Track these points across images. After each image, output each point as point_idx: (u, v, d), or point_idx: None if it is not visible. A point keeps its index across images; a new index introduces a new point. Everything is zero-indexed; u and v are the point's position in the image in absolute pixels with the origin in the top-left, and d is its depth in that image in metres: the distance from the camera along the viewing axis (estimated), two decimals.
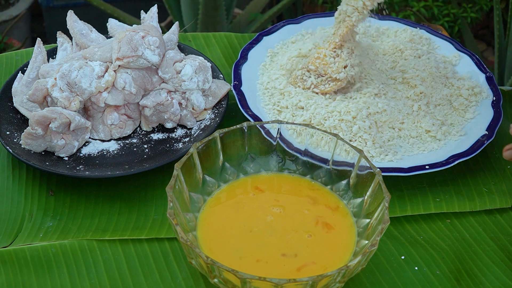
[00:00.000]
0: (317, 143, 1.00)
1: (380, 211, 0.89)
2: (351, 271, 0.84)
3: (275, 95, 1.17)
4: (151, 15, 1.22)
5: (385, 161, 1.08)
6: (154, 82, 1.13)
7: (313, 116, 1.11)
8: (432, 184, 1.10)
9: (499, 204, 1.08)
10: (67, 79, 1.07)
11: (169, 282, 0.93)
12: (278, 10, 2.21)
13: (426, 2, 2.23)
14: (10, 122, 1.11)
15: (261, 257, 0.89)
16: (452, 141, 1.12)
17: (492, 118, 1.15)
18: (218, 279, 0.84)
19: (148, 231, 1.00)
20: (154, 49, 1.10)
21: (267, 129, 1.00)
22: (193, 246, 0.82)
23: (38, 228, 1.00)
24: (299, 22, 1.32)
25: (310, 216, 0.94)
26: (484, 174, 1.13)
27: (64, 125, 1.05)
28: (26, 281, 0.93)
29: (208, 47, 1.36)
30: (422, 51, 1.25)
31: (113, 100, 1.10)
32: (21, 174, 1.08)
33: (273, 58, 1.26)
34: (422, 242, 1.01)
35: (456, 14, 2.23)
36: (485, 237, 1.02)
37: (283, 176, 1.01)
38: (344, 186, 0.97)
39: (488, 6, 2.28)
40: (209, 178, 0.97)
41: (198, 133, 1.12)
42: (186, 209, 0.92)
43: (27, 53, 1.31)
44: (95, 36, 1.18)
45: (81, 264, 0.95)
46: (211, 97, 1.15)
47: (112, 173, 1.03)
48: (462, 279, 0.96)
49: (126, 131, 1.13)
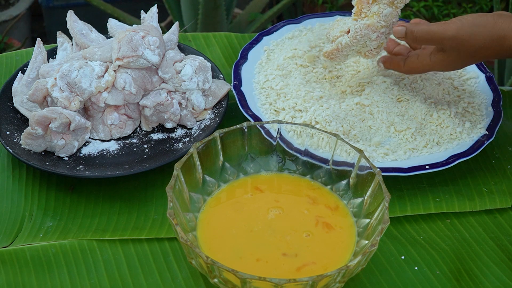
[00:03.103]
0: (317, 143, 1.00)
1: (380, 211, 0.89)
2: (351, 271, 0.84)
3: (271, 95, 1.17)
4: (151, 15, 1.22)
5: (385, 161, 1.08)
6: (154, 82, 1.13)
7: (313, 117, 1.11)
8: (432, 184, 1.10)
9: (499, 204, 1.08)
10: (67, 79, 1.07)
11: (169, 282, 0.93)
12: (278, 10, 2.21)
13: (426, 2, 2.23)
14: (10, 122, 1.11)
15: (261, 257, 0.89)
16: (452, 141, 1.12)
17: (492, 118, 1.15)
18: (218, 279, 0.84)
19: (148, 231, 1.00)
20: (154, 49, 1.10)
21: (267, 129, 1.00)
22: (193, 246, 0.82)
23: (38, 228, 1.00)
24: (299, 22, 1.32)
25: (310, 216, 0.94)
26: (484, 174, 1.13)
27: (64, 125, 1.05)
28: (26, 281, 0.93)
29: (208, 47, 1.36)
30: None
31: (113, 100, 1.10)
32: (21, 174, 1.08)
33: (269, 56, 1.25)
34: (422, 242, 1.01)
35: (456, 14, 2.23)
36: (485, 237, 1.02)
37: (283, 176, 1.01)
38: (344, 186, 0.97)
39: (488, 6, 2.28)
40: (209, 178, 0.97)
41: (198, 133, 1.12)
42: (186, 209, 0.92)
43: (27, 53, 1.31)
44: (95, 36, 1.18)
45: (81, 264, 0.95)
46: (211, 97, 1.15)
47: (112, 173, 1.03)
48: (462, 279, 0.96)
49: (126, 131, 1.13)
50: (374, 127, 1.12)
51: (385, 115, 1.13)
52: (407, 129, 1.12)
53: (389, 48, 1.18)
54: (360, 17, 1.11)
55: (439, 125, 1.13)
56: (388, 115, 1.13)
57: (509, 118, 1.24)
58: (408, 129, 1.12)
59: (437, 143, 1.12)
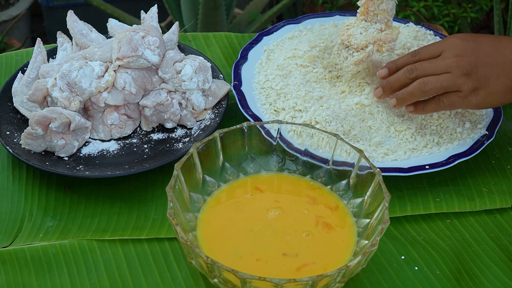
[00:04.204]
0: (317, 143, 1.00)
1: (380, 211, 0.89)
2: (351, 271, 0.84)
3: (271, 95, 1.17)
4: (151, 15, 1.22)
5: (385, 161, 1.08)
6: (154, 82, 1.13)
7: (313, 117, 1.11)
8: (432, 184, 1.10)
9: (499, 204, 1.08)
10: (67, 79, 1.07)
11: (169, 282, 0.93)
12: (278, 10, 2.21)
13: (426, 2, 2.23)
14: (10, 122, 1.11)
15: (261, 257, 0.89)
16: (452, 141, 1.12)
17: (492, 118, 1.15)
18: (218, 279, 0.84)
19: (148, 231, 1.00)
20: (154, 49, 1.10)
21: (267, 129, 1.00)
22: (193, 246, 0.82)
23: (38, 228, 1.00)
24: (299, 22, 1.32)
25: (310, 216, 0.94)
26: (484, 174, 1.13)
27: (64, 125, 1.05)
28: (26, 281, 0.93)
29: (208, 47, 1.36)
30: None
31: (113, 100, 1.10)
32: (21, 174, 1.08)
33: (269, 56, 1.25)
34: (422, 242, 1.01)
35: (456, 14, 2.23)
36: (485, 237, 1.02)
37: (283, 176, 1.01)
38: (344, 186, 0.97)
39: (488, 6, 2.28)
40: (209, 178, 0.97)
41: (198, 133, 1.12)
42: (186, 209, 0.92)
43: (27, 53, 1.31)
44: (95, 36, 1.18)
45: (81, 264, 0.95)
46: (211, 97, 1.15)
47: (112, 173, 1.03)
48: (462, 279, 0.96)
49: (126, 131, 1.13)
50: (374, 127, 1.12)
51: (385, 115, 1.13)
52: (407, 129, 1.12)
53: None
54: (367, 16, 1.12)
55: (439, 125, 1.13)
56: (388, 115, 1.13)
57: (509, 118, 1.24)
58: (408, 129, 1.12)
59: (437, 143, 1.12)
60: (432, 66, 1.06)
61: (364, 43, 1.12)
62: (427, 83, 1.05)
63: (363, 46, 1.12)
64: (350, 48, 1.14)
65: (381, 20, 1.13)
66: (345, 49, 1.15)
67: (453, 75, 1.04)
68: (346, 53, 1.15)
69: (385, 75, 1.11)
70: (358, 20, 1.14)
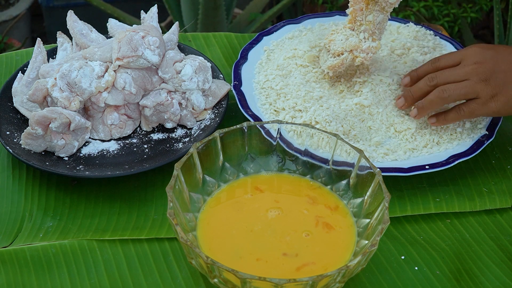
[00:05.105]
0: (317, 143, 1.00)
1: (380, 211, 0.89)
2: (351, 271, 0.84)
3: (271, 95, 1.17)
4: (151, 15, 1.22)
5: (385, 161, 1.08)
6: (154, 82, 1.13)
7: (313, 117, 1.11)
8: (432, 184, 1.10)
9: (499, 204, 1.08)
10: (67, 79, 1.07)
11: (169, 282, 0.93)
12: (278, 10, 2.21)
13: (426, 2, 2.23)
14: (10, 122, 1.11)
15: (261, 257, 0.89)
16: (452, 141, 1.12)
17: (492, 118, 1.15)
18: (218, 279, 0.84)
19: (148, 231, 1.00)
20: (154, 49, 1.10)
21: (267, 129, 1.01)
22: (193, 246, 0.82)
23: (38, 228, 1.00)
24: (299, 22, 1.32)
25: (310, 216, 0.94)
26: (484, 174, 1.13)
27: (64, 125, 1.05)
28: (26, 281, 0.93)
29: (208, 47, 1.36)
30: (428, 48, 1.25)
31: (113, 100, 1.10)
32: (21, 174, 1.08)
33: (269, 56, 1.25)
34: (422, 242, 1.01)
35: (456, 14, 2.23)
36: (485, 237, 1.02)
37: (283, 176, 1.01)
38: (344, 186, 0.97)
39: (488, 6, 2.28)
40: (209, 178, 0.97)
41: (198, 133, 1.12)
42: (186, 209, 0.92)
43: (27, 53, 1.31)
44: (95, 36, 1.18)
45: (81, 264, 0.95)
46: (211, 97, 1.15)
47: (112, 173, 1.03)
48: (462, 279, 0.96)
49: (126, 131, 1.13)
50: (374, 128, 1.12)
51: (385, 116, 1.13)
52: (407, 129, 1.12)
53: None
54: (355, 25, 1.13)
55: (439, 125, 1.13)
56: (388, 115, 1.13)
57: (509, 118, 1.24)
58: (408, 129, 1.12)
59: (437, 143, 1.12)
60: (451, 74, 1.08)
61: (341, 50, 1.13)
62: (446, 90, 1.07)
63: (339, 53, 1.13)
64: (329, 52, 1.15)
65: (366, 30, 1.13)
66: (327, 53, 1.16)
67: (472, 82, 1.06)
68: (327, 57, 1.16)
69: (407, 83, 1.13)
70: (345, 28, 1.15)
